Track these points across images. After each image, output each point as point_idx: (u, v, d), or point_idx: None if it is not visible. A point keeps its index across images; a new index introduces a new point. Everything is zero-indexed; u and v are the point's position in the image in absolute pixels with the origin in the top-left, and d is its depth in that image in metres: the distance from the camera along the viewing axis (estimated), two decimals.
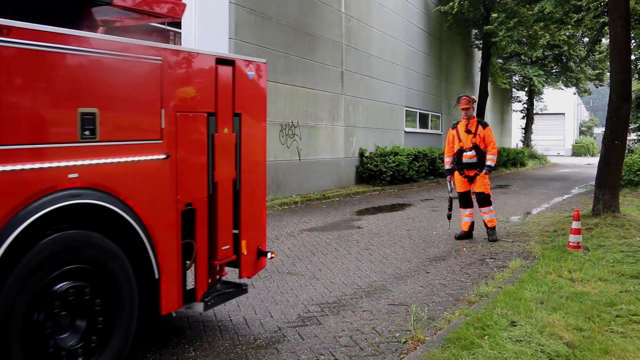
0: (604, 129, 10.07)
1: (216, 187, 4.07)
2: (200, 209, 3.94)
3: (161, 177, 3.66)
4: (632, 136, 23.91)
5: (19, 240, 2.86)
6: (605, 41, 19.66)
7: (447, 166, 8.69)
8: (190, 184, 3.86)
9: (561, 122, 54.77)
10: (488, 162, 8.29)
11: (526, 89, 37.18)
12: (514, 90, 37.60)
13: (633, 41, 15.74)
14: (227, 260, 4.24)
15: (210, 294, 4.16)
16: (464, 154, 8.33)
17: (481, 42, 26.17)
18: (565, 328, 4.34)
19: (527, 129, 38.43)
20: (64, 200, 3.06)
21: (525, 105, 38.88)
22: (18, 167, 2.86)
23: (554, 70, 33.86)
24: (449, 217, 8.93)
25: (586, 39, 25.53)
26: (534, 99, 39.16)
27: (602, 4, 13.85)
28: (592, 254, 6.89)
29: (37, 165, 2.94)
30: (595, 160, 18.30)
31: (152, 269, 3.59)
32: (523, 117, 39.60)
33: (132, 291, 3.53)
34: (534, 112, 40.03)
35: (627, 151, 15.34)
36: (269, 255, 4.61)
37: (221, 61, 4.09)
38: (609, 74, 12.10)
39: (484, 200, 8.35)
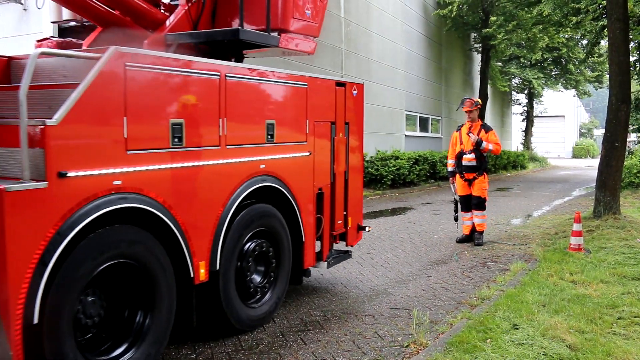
0: (604, 131, 10.08)
1: (335, 177, 5.52)
2: (326, 192, 5.42)
3: (306, 169, 5.10)
4: (632, 137, 23.93)
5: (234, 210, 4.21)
6: (604, 43, 19.68)
7: (449, 168, 8.68)
8: (321, 174, 5.32)
9: (561, 125, 54.76)
10: (485, 143, 8.16)
11: (526, 92, 37.20)
12: (513, 93, 37.61)
13: (631, 43, 15.77)
14: (340, 232, 5.69)
15: (330, 257, 5.64)
16: (464, 156, 8.33)
17: (480, 45, 26.22)
18: (567, 330, 4.35)
19: (527, 132, 38.42)
20: (258, 183, 4.48)
21: (525, 108, 38.89)
22: (238, 160, 4.27)
23: (553, 73, 33.84)
24: (456, 219, 8.81)
25: (585, 41, 25.62)
26: (534, 102, 39.15)
27: (600, 6, 13.88)
28: (593, 256, 6.90)
29: (246, 159, 4.35)
30: (595, 162, 18.31)
31: (300, 234, 5.07)
32: (523, 120, 39.61)
33: (289, 249, 5.01)
34: (534, 114, 40.03)
35: (627, 153, 15.33)
36: (367, 229, 6.06)
37: (338, 84, 5.51)
38: (608, 75, 12.12)
39: (480, 204, 8.34)
